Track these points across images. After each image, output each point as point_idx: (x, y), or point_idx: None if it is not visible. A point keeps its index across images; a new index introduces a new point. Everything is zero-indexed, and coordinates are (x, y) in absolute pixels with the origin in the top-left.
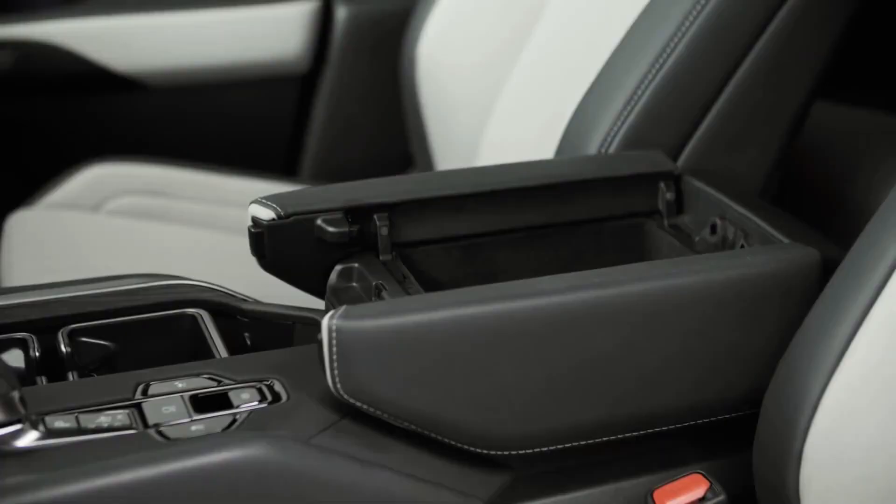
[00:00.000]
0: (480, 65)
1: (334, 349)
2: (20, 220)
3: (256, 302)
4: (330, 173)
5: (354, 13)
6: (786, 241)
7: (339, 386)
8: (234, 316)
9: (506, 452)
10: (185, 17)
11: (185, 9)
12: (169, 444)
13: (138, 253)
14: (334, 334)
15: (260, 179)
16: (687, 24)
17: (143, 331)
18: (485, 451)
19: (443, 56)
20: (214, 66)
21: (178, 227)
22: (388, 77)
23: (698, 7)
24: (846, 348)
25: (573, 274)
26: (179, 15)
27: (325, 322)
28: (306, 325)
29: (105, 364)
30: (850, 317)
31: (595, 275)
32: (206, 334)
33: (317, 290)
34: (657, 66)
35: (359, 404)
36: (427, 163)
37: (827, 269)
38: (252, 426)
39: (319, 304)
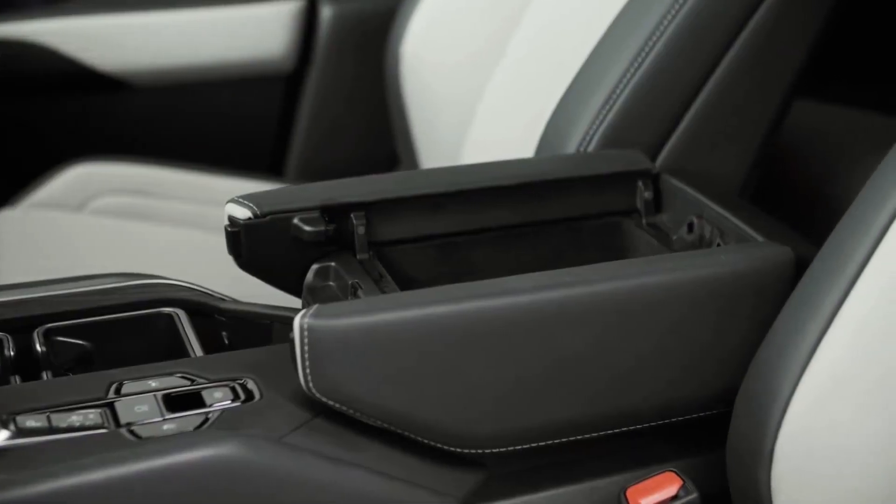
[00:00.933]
0: (464, 63)
1: (306, 348)
2: (3, 220)
3: (234, 301)
4: (315, 173)
5: (339, 12)
6: (761, 239)
7: (311, 385)
8: (213, 315)
9: (479, 451)
10: (170, 16)
11: (170, 8)
12: (140, 443)
13: (121, 252)
14: (306, 333)
15: (245, 179)
16: (665, 22)
17: (119, 330)
18: (458, 450)
19: (427, 55)
20: (199, 65)
21: (162, 226)
22: (373, 76)
23: (677, 6)
24: (816, 348)
25: (544, 273)
26: (164, 14)
27: (296, 321)
28: (284, 324)
29: (81, 363)
30: (819, 316)
31: (565, 274)
32: (182, 333)
33: (294, 289)
34: (636, 64)
35: (331, 403)
36: (412, 162)
37: (801, 268)
38: (224, 425)
39: (300, 303)
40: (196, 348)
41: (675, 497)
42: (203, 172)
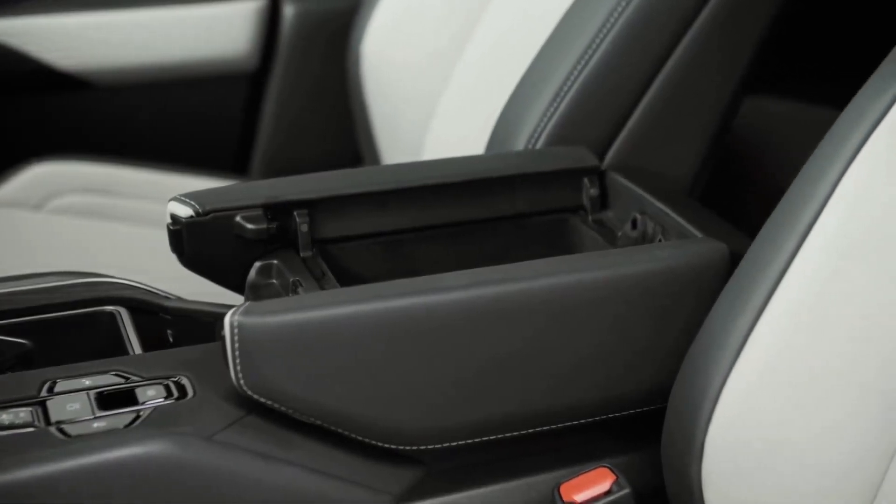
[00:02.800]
0: (425, 61)
1: (236, 345)
2: None
3: (179, 299)
4: (280, 171)
5: (301, 11)
6: (699, 235)
7: (242, 382)
8: (157, 313)
9: (416, 448)
10: (131, 15)
11: (131, 7)
12: (68, 442)
13: (78, 251)
14: (236, 330)
15: (208, 178)
16: (612, 20)
17: (61, 328)
18: (394, 447)
19: (388, 53)
20: (161, 64)
21: (122, 225)
22: (336, 74)
23: (623, 3)
24: (745, 342)
25: (478, 269)
26: (125, 13)
27: (227, 318)
28: None
29: (21, 362)
30: (748, 311)
31: (499, 270)
32: (123, 332)
33: (238, 286)
34: (583, 62)
35: (264, 400)
36: (374, 159)
37: (737, 264)
38: (156, 423)
39: None
40: (135, 346)
41: (608, 492)
42: (166, 171)
